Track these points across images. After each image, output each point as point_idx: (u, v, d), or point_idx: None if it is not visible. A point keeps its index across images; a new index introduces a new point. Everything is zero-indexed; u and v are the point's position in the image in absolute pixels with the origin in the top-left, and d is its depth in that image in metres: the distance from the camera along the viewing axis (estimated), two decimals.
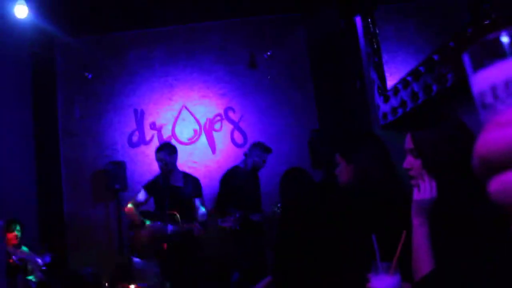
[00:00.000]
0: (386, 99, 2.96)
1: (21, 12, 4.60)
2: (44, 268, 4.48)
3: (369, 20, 3.14)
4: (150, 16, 6.13)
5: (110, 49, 6.43)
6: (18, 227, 4.56)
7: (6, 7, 4.57)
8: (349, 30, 3.92)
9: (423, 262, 1.66)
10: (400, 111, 2.73)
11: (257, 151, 5.39)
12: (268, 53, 6.19)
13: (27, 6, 4.61)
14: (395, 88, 2.80)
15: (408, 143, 1.77)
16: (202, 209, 4.91)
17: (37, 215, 5.90)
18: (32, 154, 6.05)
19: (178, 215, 4.68)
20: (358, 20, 3.54)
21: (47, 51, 6.32)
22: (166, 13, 6.06)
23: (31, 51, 6.01)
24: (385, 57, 3.18)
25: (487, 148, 0.43)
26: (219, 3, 5.97)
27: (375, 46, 3.12)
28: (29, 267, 4.27)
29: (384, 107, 3.00)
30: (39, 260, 4.48)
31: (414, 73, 2.47)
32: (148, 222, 4.74)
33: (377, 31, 3.10)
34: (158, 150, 4.97)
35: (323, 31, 5.63)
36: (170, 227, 4.62)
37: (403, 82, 2.64)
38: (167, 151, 4.95)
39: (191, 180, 4.99)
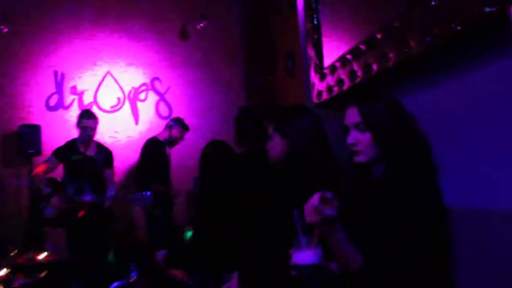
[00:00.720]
0: (323, 77, 2.92)
1: None
2: None
3: None
4: None
5: (33, 1, 5.95)
6: None
7: None
8: (288, 5, 3.87)
9: (351, 261, 1.60)
10: (336, 89, 2.71)
11: (177, 127, 5.31)
12: (201, 24, 6.03)
13: None
14: (333, 66, 2.77)
15: (353, 117, 1.71)
16: (111, 182, 4.86)
17: None
18: None
19: (87, 185, 4.54)
20: None
21: None
22: None
23: None
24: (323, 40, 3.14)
25: None
26: None
27: (316, 22, 3.07)
28: None
29: (319, 85, 2.97)
30: None
31: (354, 51, 2.44)
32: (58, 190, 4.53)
33: (319, 8, 3.06)
34: (81, 116, 4.79)
35: (260, 6, 5.56)
36: (84, 196, 4.47)
37: (342, 60, 2.61)
38: (90, 118, 4.78)
39: (104, 151, 4.90)
